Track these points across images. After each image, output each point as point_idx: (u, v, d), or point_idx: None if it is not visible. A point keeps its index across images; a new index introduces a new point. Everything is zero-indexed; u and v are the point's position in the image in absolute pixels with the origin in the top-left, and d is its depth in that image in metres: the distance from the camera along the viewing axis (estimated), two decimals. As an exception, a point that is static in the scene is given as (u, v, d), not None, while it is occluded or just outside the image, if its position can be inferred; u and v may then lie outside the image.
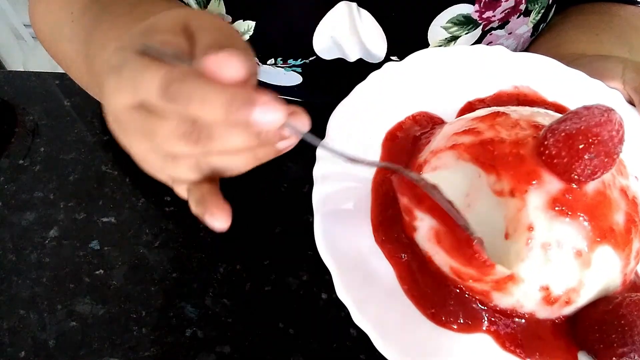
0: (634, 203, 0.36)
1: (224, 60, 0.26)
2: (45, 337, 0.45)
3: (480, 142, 0.36)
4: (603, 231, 0.34)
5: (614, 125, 0.32)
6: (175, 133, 0.27)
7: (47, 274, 0.48)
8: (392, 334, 0.33)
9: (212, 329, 0.45)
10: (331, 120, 0.40)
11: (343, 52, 0.55)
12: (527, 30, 0.55)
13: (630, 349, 0.32)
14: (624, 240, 0.35)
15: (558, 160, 0.33)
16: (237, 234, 0.50)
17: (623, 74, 0.44)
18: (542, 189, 0.34)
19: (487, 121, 0.38)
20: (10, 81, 0.63)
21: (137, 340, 0.45)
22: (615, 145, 0.32)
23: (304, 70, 0.58)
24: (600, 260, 0.34)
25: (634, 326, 0.32)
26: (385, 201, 0.39)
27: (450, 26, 0.51)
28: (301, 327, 0.45)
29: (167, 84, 0.26)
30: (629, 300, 0.33)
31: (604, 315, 0.34)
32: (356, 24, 0.52)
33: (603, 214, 0.34)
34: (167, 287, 0.48)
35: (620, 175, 0.36)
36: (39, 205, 0.52)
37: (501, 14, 0.51)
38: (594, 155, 0.32)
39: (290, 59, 0.56)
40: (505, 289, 0.35)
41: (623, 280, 0.36)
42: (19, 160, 0.56)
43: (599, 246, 0.34)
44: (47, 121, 0.59)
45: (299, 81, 0.60)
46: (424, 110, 0.43)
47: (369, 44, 0.54)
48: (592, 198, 0.34)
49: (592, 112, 0.32)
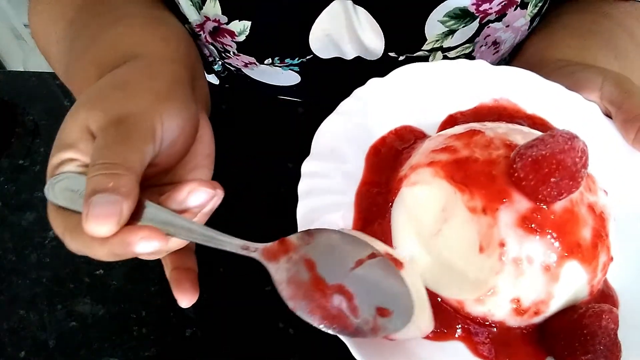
0: (601, 218, 0.37)
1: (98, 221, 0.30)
2: (45, 337, 0.45)
3: (455, 161, 0.38)
4: (570, 247, 0.36)
5: (577, 152, 0.34)
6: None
7: (47, 274, 0.48)
8: (367, 341, 0.34)
9: (212, 329, 0.45)
10: (315, 137, 0.42)
11: (340, 50, 0.55)
12: (524, 23, 0.55)
13: (592, 356, 0.35)
14: (590, 254, 0.36)
15: (526, 182, 0.35)
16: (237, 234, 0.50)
17: (602, 86, 0.44)
18: (512, 207, 0.35)
19: (464, 139, 0.39)
20: (10, 81, 0.63)
21: (137, 340, 0.45)
22: (579, 170, 0.34)
23: (301, 69, 0.58)
24: (568, 274, 0.36)
25: (595, 335, 0.35)
26: (368, 215, 0.40)
27: (447, 20, 0.51)
28: (301, 327, 0.45)
29: (62, 235, 0.33)
30: (592, 312, 0.35)
31: (569, 324, 0.36)
32: (352, 22, 0.52)
33: (570, 230, 0.36)
34: (167, 287, 0.47)
35: (589, 192, 0.38)
36: (39, 205, 0.52)
37: (498, 6, 0.51)
38: (559, 179, 0.34)
39: (287, 58, 0.56)
40: (479, 299, 0.37)
41: (590, 291, 0.38)
42: (19, 160, 0.56)
43: (566, 261, 0.36)
44: (47, 121, 0.59)
45: (298, 80, 0.60)
46: (406, 124, 0.45)
47: (366, 41, 0.54)
48: (559, 216, 0.36)
49: (557, 140, 0.34)
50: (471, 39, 0.54)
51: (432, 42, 0.53)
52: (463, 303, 0.37)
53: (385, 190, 0.41)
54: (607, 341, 0.35)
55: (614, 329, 0.35)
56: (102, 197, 0.30)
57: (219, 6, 0.51)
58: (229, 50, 0.56)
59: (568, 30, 0.54)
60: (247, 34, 0.52)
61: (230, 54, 0.57)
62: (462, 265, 0.37)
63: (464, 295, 0.37)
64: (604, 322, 0.35)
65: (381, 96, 0.44)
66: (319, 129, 0.42)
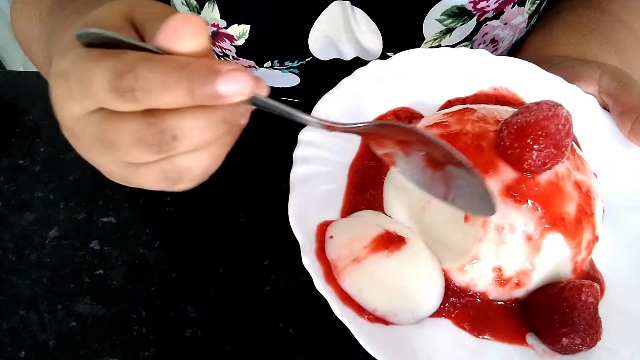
0: (587, 196, 0.38)
1: (179, 29, 0.23)
2: (45, 337, 0.45)
3: (446, 134, 0.39)
4: (553, 219, 0.36)
5: (560, 119, 0.35)
6: (137, 140, 0.25)
7: (47, 274, 0.48)
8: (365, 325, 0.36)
9: (212, 329, 0.45)
10: (315, 109, 0.43)
11: (339, 51, 0.55)
12: (522, 21, 0.55)
13: (571, 329, 0.35)
14: (574, 229, 0.37)
15: (511, 151, 0.36)
16: (237, 234, 0.50)
17: (600, 79, 0.44)
18: (498, 177, 0.36)
19: (457, 116, 0.40)
20: (10, 81, 0.63)
21: (137, 340, 0.45)
22: (563, 138, 0.35)
23: (301, 71, 0.58)
24: (550, 246, 0.37)
25: (574, 308, 0.35)
26: (361, 184, 0.41)
27: (444, 18, 0.51)
28: (301, 327, 0.45)
29: (117, 77, 0.23)
30: (571, 285, 0.36)
31: (549, 298, 0.37)
32: (350, 23, 0.52)
33: (554, 203, 0.37)
34: (167, 287, 0.48)
35: (577, 170, 0.39)
36: (39, 205, 0.52)
37: (495, 3, 0.51)
38: (543, 146, 0.35)
39: (287, 60, 0.56)
40: (462, 268, 0.38)
41: (574, 268, 0.38)
42: (19, 160, 0.56)
43: (549, 233, 0.36)
44: (47, 121, 0.59)
45: (297, 82, 0.60)
46: (404, 106, 0.46)
47: (364, 41, 0.54)
48: (544, 188, 0.36)
49: (541, 107, 0.35)
50: (469, 37, 0.54)
51: (430, 41, 0.53)
52: (448, 272, 0.38)
53: (379, 164, 0.42)
54: (587, 315, 0.35)
55: (593, 303, 0.35)
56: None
57: (217, 10, 0.51)
58: (228, 55, 0.56)
59: (567, 26, 0.54)
60: (246, 38, 0.52)
61: (229, 58, 0.57)
62: (447, 235, 0.38)
63: (448, 264, 0.38)
64: (583, 296, 0.35)
65: (382, 77, 0.45)
66: (319, 102, 0.43)
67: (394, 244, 0.37)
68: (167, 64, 0.23)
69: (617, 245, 0.41)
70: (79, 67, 0.25)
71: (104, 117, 0.25)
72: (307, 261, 0.36)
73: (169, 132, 0.24)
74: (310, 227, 0.38)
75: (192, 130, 0.24)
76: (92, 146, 0.27)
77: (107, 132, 0.25)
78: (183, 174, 0.26)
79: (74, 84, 0.25)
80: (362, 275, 0.36)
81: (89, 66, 0.24)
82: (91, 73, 0.24)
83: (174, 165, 0.26)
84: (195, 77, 0.23)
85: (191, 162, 0.26)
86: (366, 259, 0.36)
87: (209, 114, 0.24)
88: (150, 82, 0.23)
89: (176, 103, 0.23)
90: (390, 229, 0.38)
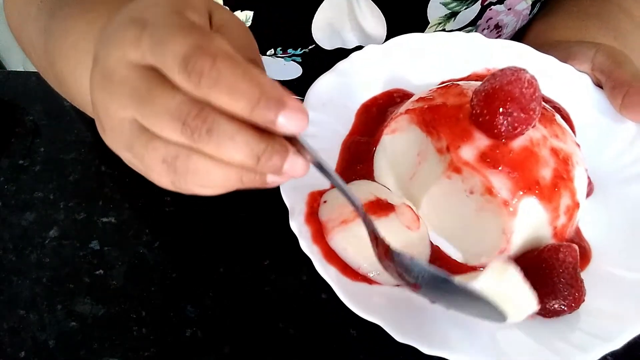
0: (564, 162, 0.39)
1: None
2: (45, 337, 0.45)
3: (428, 107, 0.40)
4: (528, 183, 0.37)
5: (524, 83, 0.35)
6: (176, 110, 0.24)
7: (47, 274, 0.48)
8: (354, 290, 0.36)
9: (212, 329, 0.45)
10: (310, 89, 0.44)
11: (342, 39, 0.55)
12: (526, 7, 0.56)
13: (551, 289, 0.35)
14: (549, 193, 0.38)
15: (482, 118, 0.37)
16: (237, 234, 0.50)
17: (594, 57, 0.45)
18: (473, 145, 0.37)
19: (441, 90, 0.42)
20: (10, 81, 0.63)
21: (137, 340, 0.45)
22: (528, 101, 0.36)
23: (304, 60, 0.57)
24: (526, 210, 0.37)
25: (552, 268, 0.36)
26: (353, 158, 0.43)
27: (449, 2, 0.51)
28: (301, 327, 0.45)
29: (194, 55, 0.23)
30: (550, 246, 0.37)
31: (529, 261, 0.37)
32: (354, 9, 0.52)
33: (528, 168, 0.37)
34: (167, 287, 0.48)
35: (555, 137, 0.39)
36: (39, 205, 0.52)
37: None
38: (510, 110, 0.36)
39: (290, 48, 0.56)
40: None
41: (554, 233, 0.39)
42: (19, 160, 0.56)
43: (524, 197, 0.37)
44: (47, 121, 0.59)
45: (299, 73, 0.60)
46: (399, 87, 0.47)
47: (368, 28, 0.54)
48: (518, 153, 0.37)
49: (504, 73, 0.36)
50: (473, 21, 0.54)
51: (435, 26, 0.53)
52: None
53: (370, 140, 0.44)
54: (567, 275, 0.35)
55: (572, 262, 0.36)
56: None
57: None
58: None
59: (567, 13, 0.54)
60: (249, 25, 0.52)
61: None
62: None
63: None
64: (561, 255, 0.36)
65: (377, 61, 0.47)
66: (314, 84, 0.44)
67: (382, 210, 0.38)
68: (247, 73, 0.23)
69: (606, 215, 0.42)
70: (163, 24, 0.24)
71: (155, 77, 0.25)
72: (294, 225, 0.37)
73: (208, 125, 0.24)
74: (301, 195, 0.39)
75: (227, 139, 0.24)
76: (123, 96, 0.25)
77: (152, 90, 0.25)
78: (188, 174, 0.26)
79: (148, 34, 0.25)
80: (349, 236, 0.37)
81: (175, 31, 0.24)
82: (173, 37, 0.24)
83: (188, 159, 0.25)
84: (263, 98, 0.23)
85: (203, 168, 0.25)
86: (354, 222, 0.37)
87: (251, 139, 0.24)
88: (221, 77, 0.23)
89: (231, 107, 0.23)
90: (381, 197, 0.39)
